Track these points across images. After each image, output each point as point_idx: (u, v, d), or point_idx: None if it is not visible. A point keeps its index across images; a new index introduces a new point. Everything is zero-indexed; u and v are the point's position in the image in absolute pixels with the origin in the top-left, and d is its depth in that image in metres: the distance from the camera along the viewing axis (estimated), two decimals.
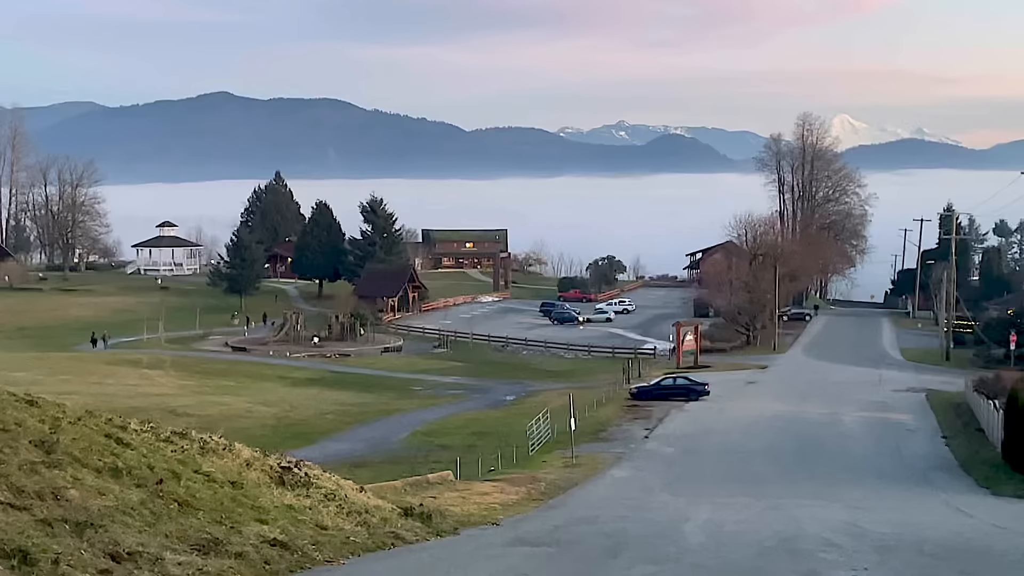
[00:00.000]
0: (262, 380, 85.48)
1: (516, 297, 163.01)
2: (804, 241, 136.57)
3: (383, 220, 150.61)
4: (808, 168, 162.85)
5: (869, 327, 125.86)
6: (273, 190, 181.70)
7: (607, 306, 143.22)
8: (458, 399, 77.99)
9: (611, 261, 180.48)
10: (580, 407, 59.36)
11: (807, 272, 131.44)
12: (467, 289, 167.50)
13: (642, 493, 36.58)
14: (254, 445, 23.56)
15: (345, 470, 34.14)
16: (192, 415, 62.49)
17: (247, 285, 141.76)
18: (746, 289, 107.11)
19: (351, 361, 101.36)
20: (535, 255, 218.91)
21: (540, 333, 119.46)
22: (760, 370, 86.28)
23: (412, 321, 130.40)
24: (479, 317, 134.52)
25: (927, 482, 42.44)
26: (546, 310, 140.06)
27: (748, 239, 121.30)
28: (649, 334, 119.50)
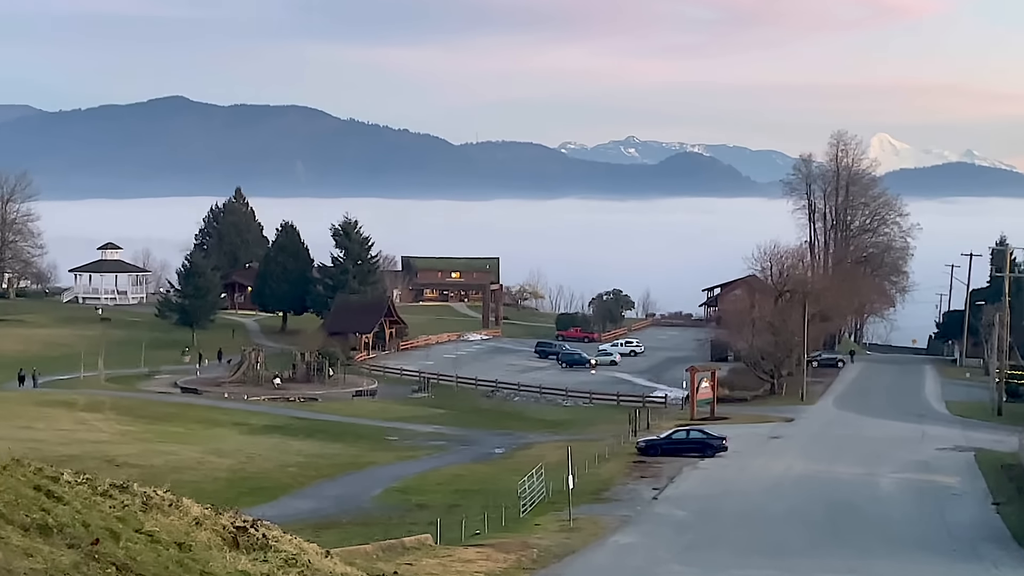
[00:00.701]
0: (215, 426, 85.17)
1: (508, 335, 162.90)
2: (837, 277, 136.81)
3: (357, 245, 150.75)
4: (842, 194, 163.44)
5: (910, 376, 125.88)
6: (232, 209, 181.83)
7: (612, 347, 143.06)
8: (440, 451, 77.70)
9: (617, 296, 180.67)
10: (579, 462, 59.16)
11: (840, 312, 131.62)
12: (452, 325, 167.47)
13: (649, 564, 36.53)
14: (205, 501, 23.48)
15: (309, 531, 34.03)
16: (134, 466, 62.18)
17: (200, 317, 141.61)
18: (771, 330, 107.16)
19: (318, 406, 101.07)
20: (530, 288, 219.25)
21: (535, 377, 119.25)
22: (785, 423, 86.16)
23: (389, 361, 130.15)
24: (465, 357, 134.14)
25: (975, 556, 42.38)
26: (543, 350, 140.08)
27: (773, 273, 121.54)
28: (659, 380, 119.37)
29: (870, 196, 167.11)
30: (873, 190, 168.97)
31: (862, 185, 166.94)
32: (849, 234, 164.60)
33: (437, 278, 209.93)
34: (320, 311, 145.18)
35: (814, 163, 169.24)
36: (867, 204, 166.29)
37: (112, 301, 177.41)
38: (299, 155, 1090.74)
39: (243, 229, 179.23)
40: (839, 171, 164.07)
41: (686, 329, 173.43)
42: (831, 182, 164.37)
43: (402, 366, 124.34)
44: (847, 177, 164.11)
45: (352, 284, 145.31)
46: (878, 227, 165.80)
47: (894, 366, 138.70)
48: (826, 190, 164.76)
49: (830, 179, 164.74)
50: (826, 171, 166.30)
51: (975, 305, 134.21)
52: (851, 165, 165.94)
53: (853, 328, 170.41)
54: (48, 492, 18.08)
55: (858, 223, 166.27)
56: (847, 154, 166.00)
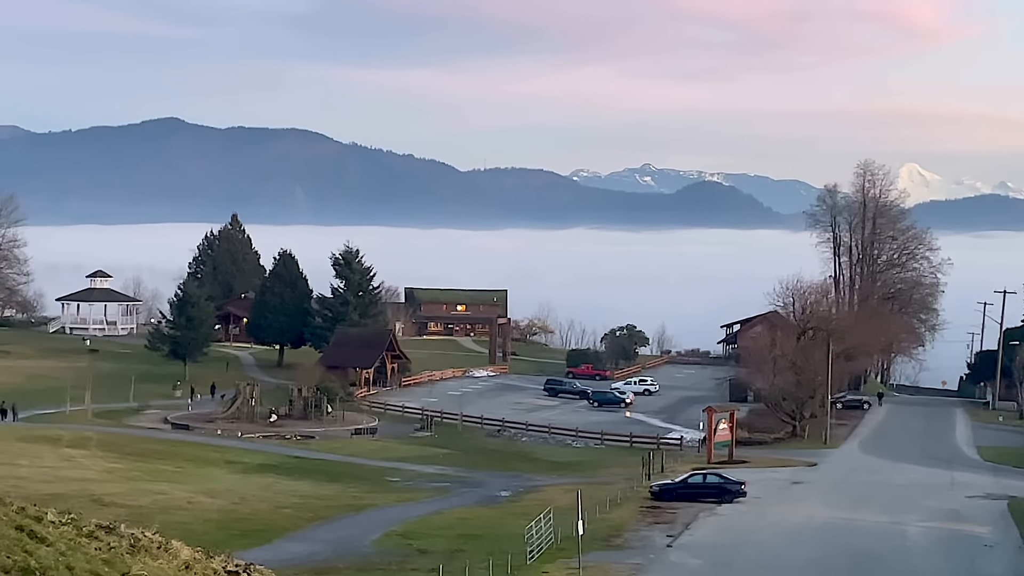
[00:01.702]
0: (207, 465, 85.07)
1: (516, 372, 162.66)
2: (863, 314, 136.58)
3: (358, 275, 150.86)
4: (869, 226, 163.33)
5: (940, 419, 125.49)
6: (228, 236, 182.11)
7: (625, 386, 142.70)
8: (443, 494, 77.54)
9: (631, 332, 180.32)
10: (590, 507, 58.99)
11: (866, 351, 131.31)
12: (457, 361, 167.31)
13: None
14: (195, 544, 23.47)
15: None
16: (121, 505, 62.09)
17: (193, 350, 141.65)
18: (793, 369, 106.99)
19: (315, 445, 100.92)
20: (540, 322, 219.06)
21: (544, 416, 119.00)
22: (808, 468, 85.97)
23: (390, 398, 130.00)
24: (471, 395, 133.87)
25: None
26: (552, 388, 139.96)
27: (796, 309, 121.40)
28: (675, 420, 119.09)
29: (898, 229, 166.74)
30: (902, 223, 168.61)
31: (890, 217, 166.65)
32: (876, 269, 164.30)
33: (442, 311, 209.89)
34: (318, 344, 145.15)
35: (840, 194, 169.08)
36: (895, 237, 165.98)
37: (101, 332, 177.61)
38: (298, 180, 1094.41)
39: (239, 257, 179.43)
40: (866, 203, 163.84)
41: (703, 367, 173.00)
42: (857, 214, 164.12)
43: (404, 403, 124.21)
44: (874, 209, 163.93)
45: (352, 316, 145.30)
46: (907, 262, 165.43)
47: (923, 408, 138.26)
48: (852, 222, 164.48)
49: (856, 211, 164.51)
50: (852, 202, 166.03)
51: (1009, 345, 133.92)
52: (879, 196, 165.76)
53: (880, 368, 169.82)
54: (31, 533, 18.05)
55: (885, 257, 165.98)
56: (874, 185, 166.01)
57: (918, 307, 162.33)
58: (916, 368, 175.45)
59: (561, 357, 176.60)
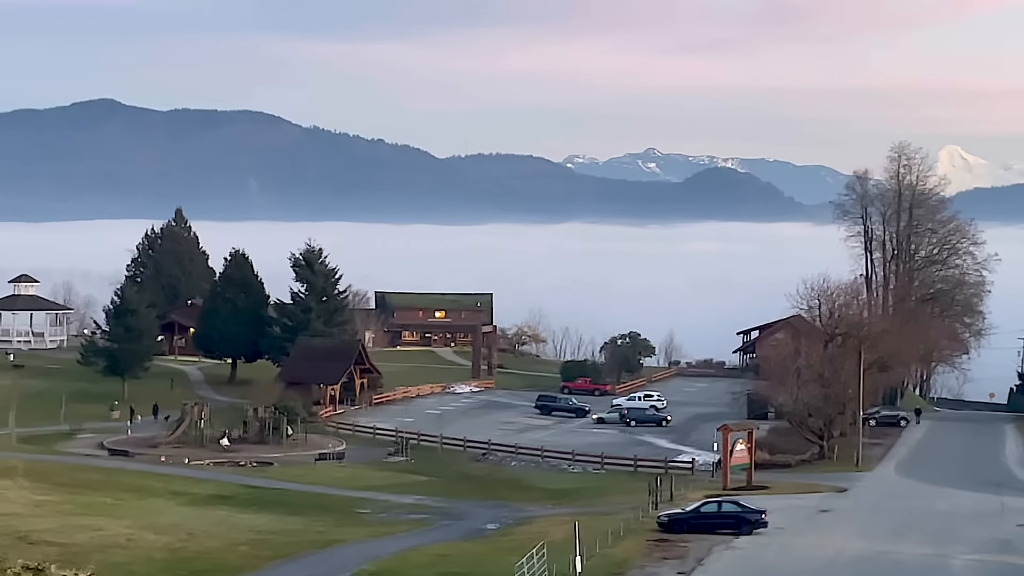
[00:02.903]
0: (150, 496, 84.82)
1: (503, 387, 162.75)
2: (899, 317, 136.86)
3: (322, 278, 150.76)
4: (905, 218, 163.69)
5: (987, 437, 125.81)
6: (172, 235, 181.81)
7: (628, 402, 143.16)
8: (421, 527, 77.48)
9: (634, 340, 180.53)
10: (589, 540, 58.98)
11: (903, 360, 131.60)
12: (436, 375, 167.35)
13: None
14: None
15: None
16: (52, 544, 61.87)
17: (133, 365, 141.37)
18: (819, 382, 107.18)
19: (274, 472, 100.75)
20: (530, 330, 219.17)
21: (535, 437, 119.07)
22: (837, 494, 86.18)
23: (359, 418, 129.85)
24: (452, 414, 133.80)
25: None
26: (545, 405, 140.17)
27: (822, 313, 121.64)
28: (685, 441, 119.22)
29: (938, 221, 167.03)
30: (942, 214, 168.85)
31: (928, 208, 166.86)
32: (913, 266, 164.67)
33: (418, 318, 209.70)
34: (277, 357, 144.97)
35: (871, 181, 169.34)
36: (935, 230, 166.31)
37: (26, 345, 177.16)
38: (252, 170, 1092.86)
39: (185, 259, 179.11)
40: (901, 191, 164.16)
41: (717, 380, 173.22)
42: (891, 204, 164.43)
43: (376, 424, 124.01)
44: (910, 198, 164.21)
45: (316, 325, 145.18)
46: (948, 258, 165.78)
47: (968, 425, 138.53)
48: (886, 213, 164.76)
49: (890, 201, 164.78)
50: (885, 191, 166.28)
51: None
52: (915, 184, 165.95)
53: (918, 380, 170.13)
54: None
55: (924, 253, 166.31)
56: (911, 171, 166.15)
57: (962, 309, 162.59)
58: (960, 379, 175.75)
59: (555, 370, 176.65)
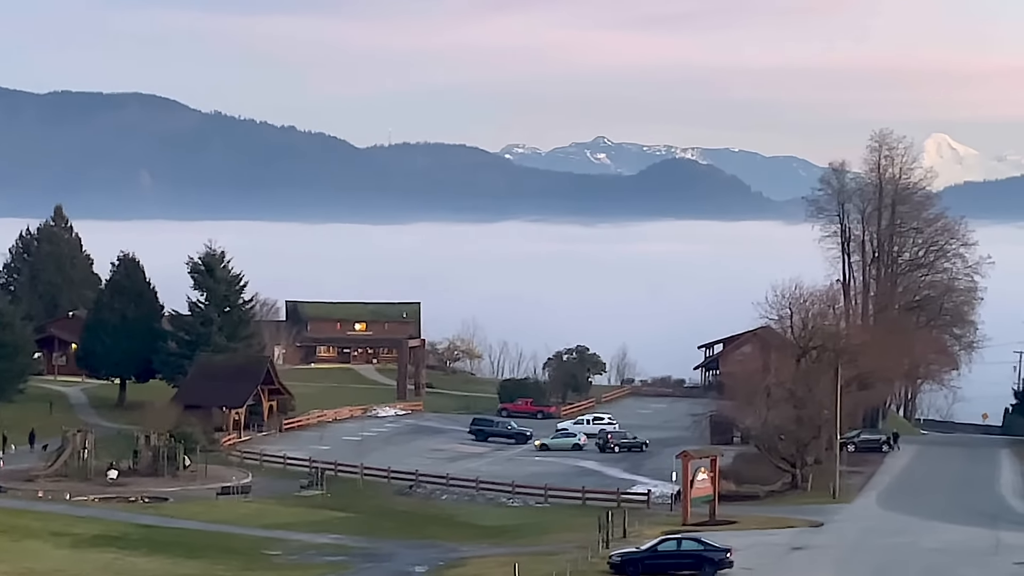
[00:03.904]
0: (26, 537, 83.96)
1: (433, 409, 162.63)
2: (881, 329, 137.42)
3: (225, 286, 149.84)
4: (887, 215, 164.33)
5: (980, 463, 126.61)
6: (50, 236, 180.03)
7: (575, 425, 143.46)
8: (339, 570, 77.24)
9: (582, 356, 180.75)
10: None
11: (885, 377, 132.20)
12: (356, 396, 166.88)
13: None
14: None
15: None
16: None
17: (6, 387, 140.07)
18: (792, 402, 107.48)
19: (170, 509, 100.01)
20: (464, 344, 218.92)
21: (470, 467, 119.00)
22: (812, 529, 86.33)
23: (268, 446, 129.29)
24: (374, 440, 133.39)
25: None
26: (481, 430, 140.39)
27: (795, 324, 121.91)
28: (640, 470, 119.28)
29: (924, 219, 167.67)
30: (928, 211, 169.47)
31: (913, 204, 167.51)
32: (896, 270, 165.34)
33: (335, 331, 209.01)
34: (172, 377, 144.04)
35: (848, 174, 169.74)
36: (920, 230, 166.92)
37: None
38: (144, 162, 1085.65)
39: (65, 263, 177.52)
40: (882, 185, 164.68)
41: (676, 400, 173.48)
42: (871, 200, 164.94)
43: (286, 453, 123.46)
44: (893, 194, 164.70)
45: (217, 339, 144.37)
46: (935, 261, 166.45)
47: (958, 450, 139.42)
48: (865, 211, 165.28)
49: (870, 196, 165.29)
50: (865, 185, 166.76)
51: None
52: (898, 177, 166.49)
53: (903, 399, 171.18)
54: None
55: (908, 255, 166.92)
56: (893, 162, 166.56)
57: (951, 319, 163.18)
58: (949, 398, 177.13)
59: (492, 390, 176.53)
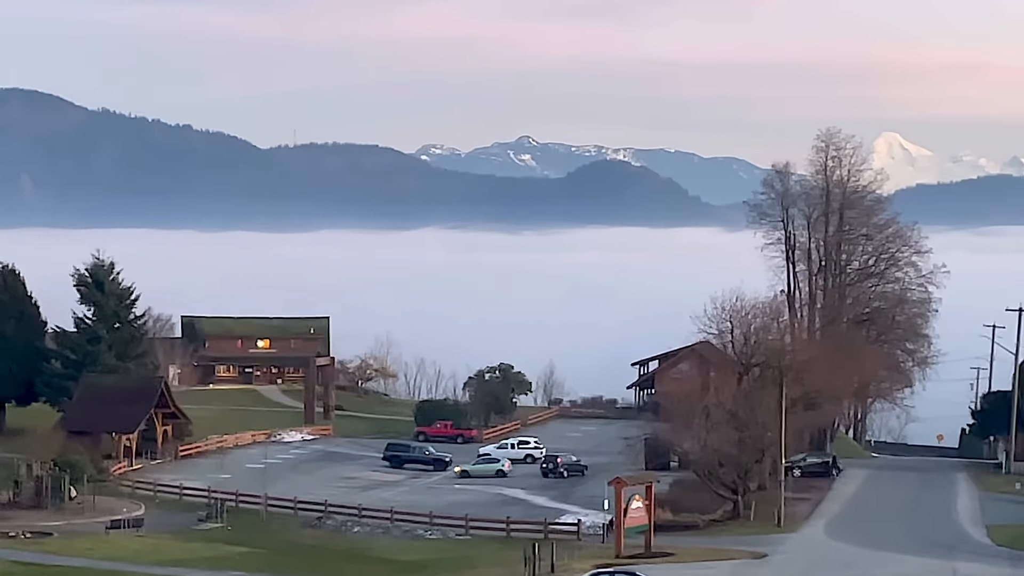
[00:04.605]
0: None
1: (344, 434, 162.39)
2: (829, 344, 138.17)
3: (115, 300, 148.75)
4: (835, 221, 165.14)
5: (935, 488, 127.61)
6: None
7: (498, 450, 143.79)
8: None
9: (506, 375, 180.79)
10: None
11: (834, 396, 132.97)
12: (260, 419, 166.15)
13: None
14: None
15: None
16: None
17: None
18: (733, 423, 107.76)
19: (54, 545, 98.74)
20: (377, 363, 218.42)
21: (384, 496, 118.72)
22: (755, 560, 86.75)
23: (163, 474, 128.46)
24: (280, 468, 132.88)
25: None
26: (396, 455, 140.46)
27: (736, 339, 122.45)
28: (569, 498, 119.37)
29: (874, 225, 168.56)
30: (879, 216, 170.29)
31: (863, 209, 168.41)
32: (845, 280, 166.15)
33: (236, 349, 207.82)
34: (57, 400, 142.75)
35: (793, 177, 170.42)
36: (870, 237, 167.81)
37: None
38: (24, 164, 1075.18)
39: None
40: (829, 189, 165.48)
41: (608, 423, 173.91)
42: (818, 205, 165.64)
43: (183, 482, 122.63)
44: (841, 197, 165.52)
45: (106, 359, 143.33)
46: (886, 270, 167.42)
47: (912, 474, 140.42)
48: (811, 216, 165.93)
49: (816, 200, 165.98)
50: (811, 189, 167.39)
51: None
52: (846, 180, 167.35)
53: (852, 419, 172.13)
54: None
55: (858, 264, 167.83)
56: (841, 164, 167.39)
57: (903, 333, 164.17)
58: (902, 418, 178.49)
59: (408, 412, 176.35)
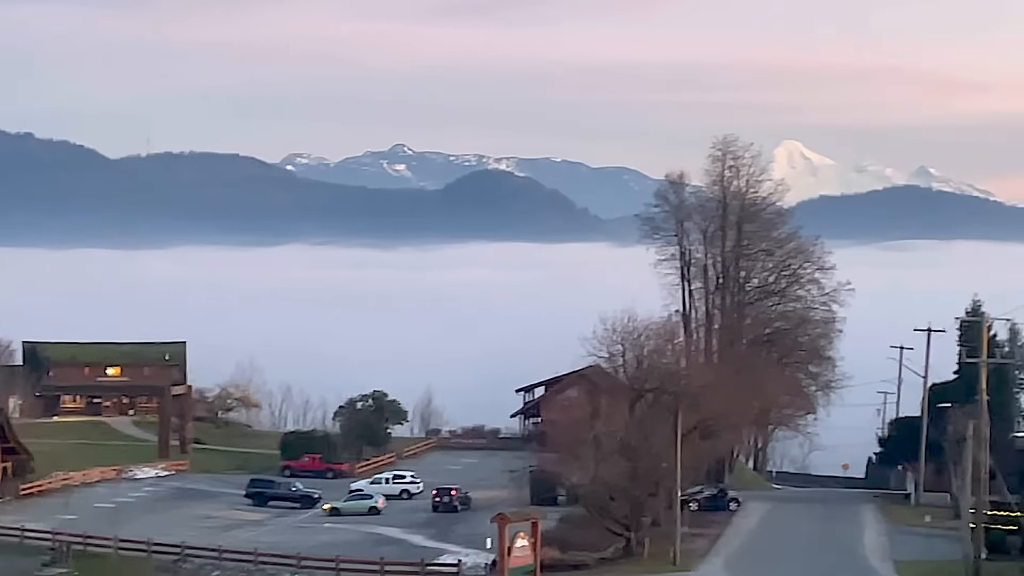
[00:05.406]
0: None
1: (202, 469, 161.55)
2: (727, 367, 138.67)
3: None
4: (733, 236, 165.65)
5: (841, 522, 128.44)
6: None
7: (372, 485, 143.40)
8: None
9: (379, 404, 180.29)
10: None
11: (732, 423, 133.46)
12: (109, 454, 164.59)
13: None
14: None
15: None
16: None
17: None
18: (625, 454, 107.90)
19: None
20: (238, 391, 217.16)
21: (247, 537, 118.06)
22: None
23: (2, 515, 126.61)
24: (132, 508, 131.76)
25: None
26: (260, 492, 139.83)
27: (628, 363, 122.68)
28: (449, 537, 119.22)
29: (775, 240, 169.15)
30: (779, 230, 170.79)
31: (762, 222, 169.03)
32: (744, 299, 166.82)
33: (84, 377, 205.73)
34: None
35: (688, 188, 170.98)
36: (770, 252, 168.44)
37: None
38: None
39: None
40: (727, 201, 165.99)
41: (490, 454, 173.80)
42: (714, 218, 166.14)
43: (24, 523, 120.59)
44: (739, 210, 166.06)
45: None
46: (788, 288, 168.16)
47: (816, 506, 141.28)
48: (707, 230, 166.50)
49: (713, 213, 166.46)
50: (707, 201, 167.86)
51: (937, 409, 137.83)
52: (745, 191, 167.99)
53: (752, 448, 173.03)
54: None
55: (757, 281, 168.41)
56: (738, 174, 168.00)
57: (806, 355, 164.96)
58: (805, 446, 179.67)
59: (273, 444, 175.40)
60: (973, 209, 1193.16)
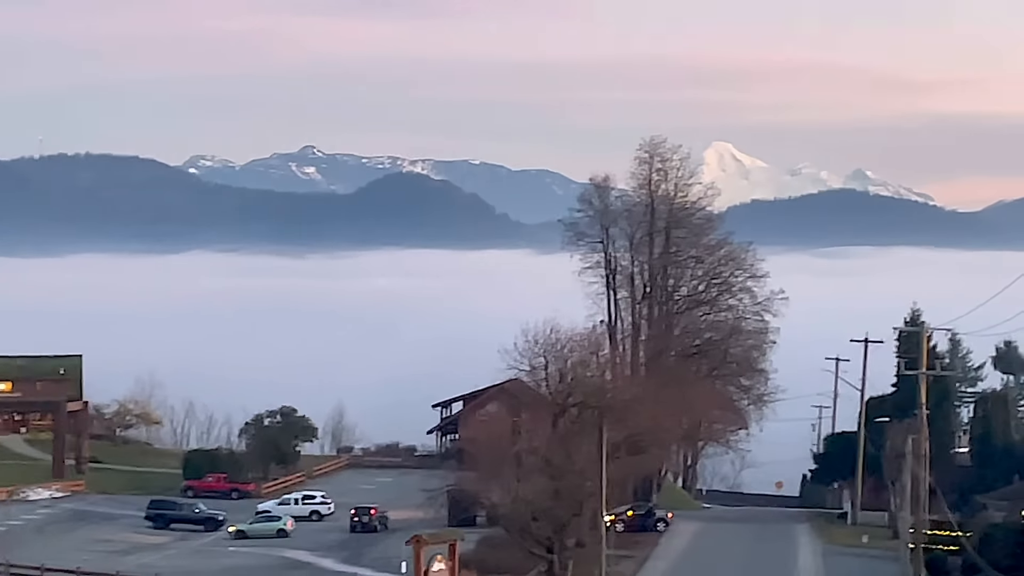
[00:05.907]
0: None
1: (99, 490, 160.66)
2: (655, 380, 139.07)
3: None
4: (660, 243, 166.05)
5: (774, 542, 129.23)
6: None
7: (280, 506, 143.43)
8: None
9: (288, 420, 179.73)
10: None
11: (660, 439, 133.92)
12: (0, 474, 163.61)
13: None
14: None
15: None
16: None
17: None
18: (548, 472, 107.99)
19: None
20: (138, 407, 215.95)
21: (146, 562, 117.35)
22: None
23: None
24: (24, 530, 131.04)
25: None
26: (160, 514, 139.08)
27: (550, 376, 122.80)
28: (361, 560, 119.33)
29: (705, 246, 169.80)
30: (709, 236, 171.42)
31: (692, 228, 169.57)
32: (672, 308, 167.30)
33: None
34: None
35: (613, 192, 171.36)
36: (700, 259, 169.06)
37: None
38: None
39: None
40: (654, 205, 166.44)
41: (406, 473, 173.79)
42: (641, 224, 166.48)
43: None
44: (667, 215, 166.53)
45: None
46: (718, 296, 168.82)
47: (748, 526, 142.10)
48: (634, 236, 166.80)
49: (640, 219, 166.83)
50: (633, 205, 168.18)
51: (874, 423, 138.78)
52: (673, 195, 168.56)
53: (681, 465, 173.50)
54: None
55: (687, 290, 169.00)
56: (666, 177, 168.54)
57: (738, 367, 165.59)
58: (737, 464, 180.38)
59: (175, 463, 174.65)
60: (911, 214, 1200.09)
